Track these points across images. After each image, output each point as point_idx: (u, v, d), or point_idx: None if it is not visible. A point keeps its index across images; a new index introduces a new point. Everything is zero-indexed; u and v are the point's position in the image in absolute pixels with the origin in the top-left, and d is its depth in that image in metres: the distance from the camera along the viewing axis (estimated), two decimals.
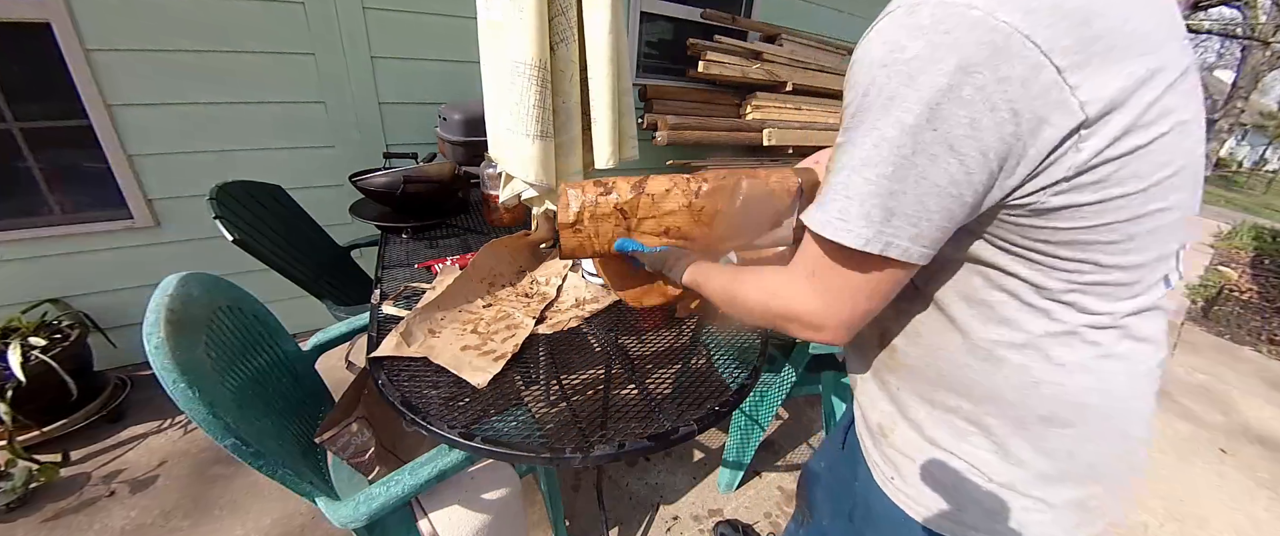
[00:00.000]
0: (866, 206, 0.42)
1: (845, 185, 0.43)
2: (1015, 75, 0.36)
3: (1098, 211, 0.41)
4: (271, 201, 1.56)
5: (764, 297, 0.55)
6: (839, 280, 0.47)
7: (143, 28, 1.58)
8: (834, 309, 0.48)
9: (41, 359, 1.48)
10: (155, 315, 0.70)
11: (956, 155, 0.39)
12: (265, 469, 0.72)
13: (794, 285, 0.51)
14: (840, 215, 0.43)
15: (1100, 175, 0.40)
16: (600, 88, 1.11)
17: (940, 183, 0.40)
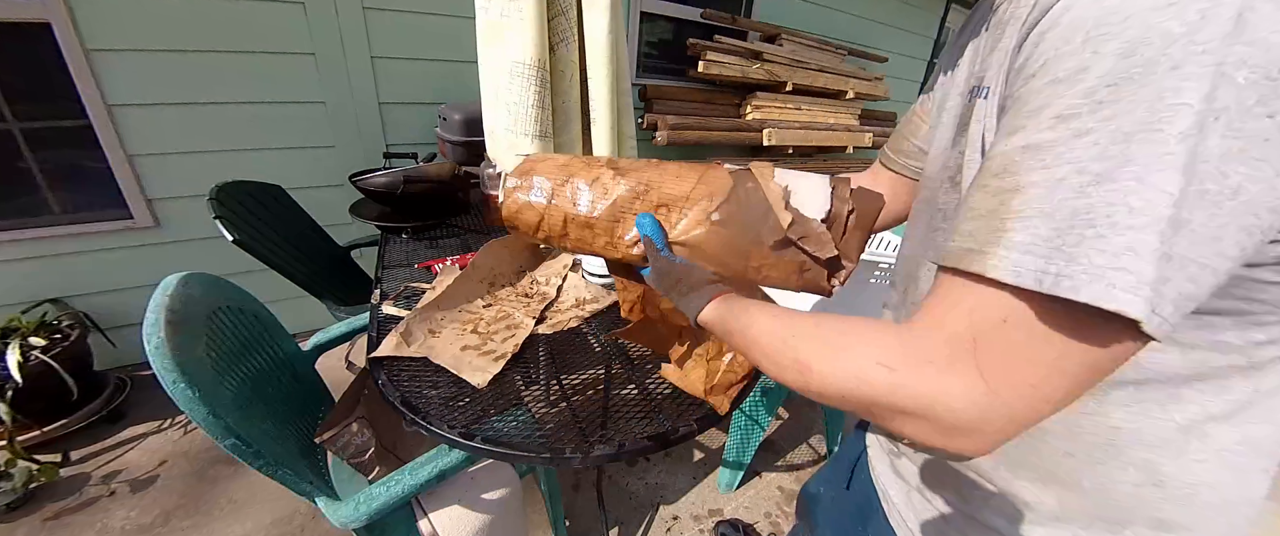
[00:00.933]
0: (1171, 247, 0.25)
1: (1116, 205, 0.25)
2: None
3: None
4: (271, 201, 1.56)
5: (853, 374, 0.34)
6: (1028, 363, 0.29)
7: (143, 28, 1.58)
8: (1007, 405, 0.29)
9: (41, 359, 1.48)
10: (155, 315, 0.70)
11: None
12: (265, 469, 0.72)
13: (930, 366, 0.31)
14: (1115, 259, 0.25)
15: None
16: (599, 88, 1.11)
17: (1257, 208, 0.25)
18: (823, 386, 0.36)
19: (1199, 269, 0.25)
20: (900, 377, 0.32)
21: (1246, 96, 0.23)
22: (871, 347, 0.34)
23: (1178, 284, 0.25)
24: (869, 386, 0.33)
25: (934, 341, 0.32)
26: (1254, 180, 0.24)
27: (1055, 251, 0.27)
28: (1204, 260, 0.25)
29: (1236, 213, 0.25)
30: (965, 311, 0.31)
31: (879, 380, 0.32)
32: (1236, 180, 0.24)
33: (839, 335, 0.37)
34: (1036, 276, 0.27)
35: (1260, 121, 0.23)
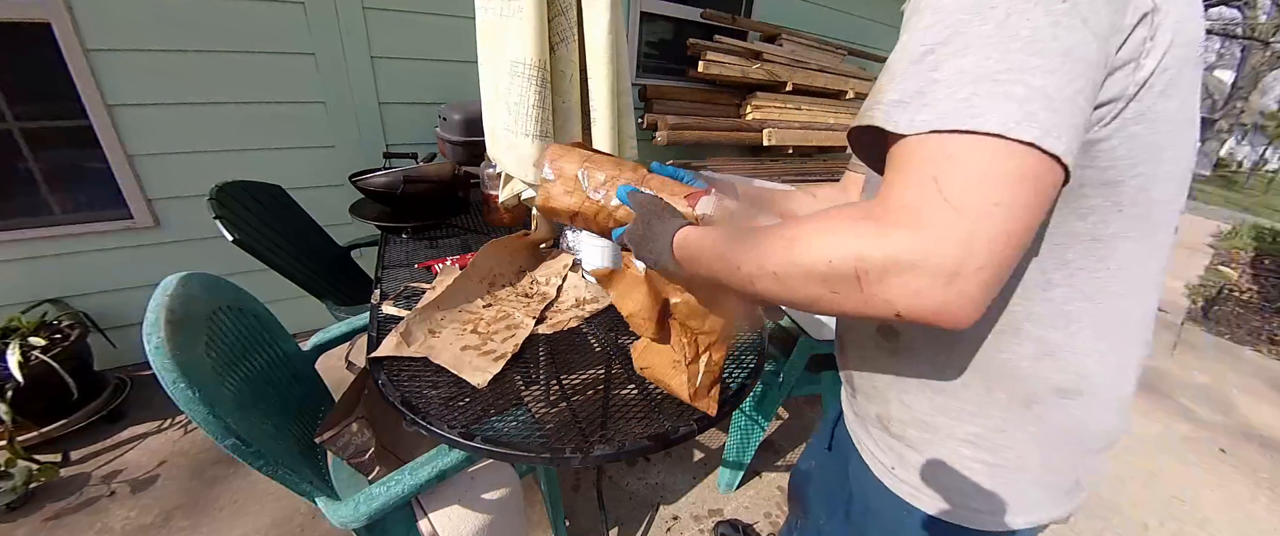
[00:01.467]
0: (1020, 88, 0.32)
1: (970, 69, 0.33)
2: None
3: (1132, 143, 0.38)
4: (271, 201, 1.56)
5: (837, 245, 0.35)
6: (984, 182, 0.32)
7: (143, 28, 1.58)
8: (981, 227, 0.31)
9: (41, 359, 1.48)
10: (155, 315, 0.70)
11: (1090, 30, 0.33)
12: (265, 469, 0.72)
13: (903, 211, 0.33)
14: (998, 101, 0.32)
15: (1150, 100, 0.37)
16: (600, 88, 1.11)
17: (1085, 61, 0.33)
18: (796, 277, 0.38)
19: (1073, 106, 0.32)
20: (880, 230, 0.34)
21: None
22: (848, 219, 0.37)
23: (1064, 112, 0.32)
24: (857, 246, 0.34)
25: (903, 193, 0.34)
26: (1073, 40, 0.32)
27: (942, 101, 0.33)
28: (1068, 98, 0.32)
29: (1074, 62, 0.32)
30: (919, 161, 0.34)
31: (863, 241, 0.34)
32: (1064, 40, 0.32)
33: (798, 228, 0.39)
34: (949, 117, 0.33)
35: (1058, 2, 0.32)
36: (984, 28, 0.33)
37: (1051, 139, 0.31)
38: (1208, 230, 6.79)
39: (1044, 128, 0.31)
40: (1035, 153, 0.32)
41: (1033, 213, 0.33)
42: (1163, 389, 2.51)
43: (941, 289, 0.32)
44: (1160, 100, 0.37)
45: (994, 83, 0.32)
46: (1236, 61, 14.14)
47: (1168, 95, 0.37)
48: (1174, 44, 0.36)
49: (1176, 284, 4.23)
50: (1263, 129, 19.82)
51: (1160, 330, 3.24)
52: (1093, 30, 0.32)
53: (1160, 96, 0.37)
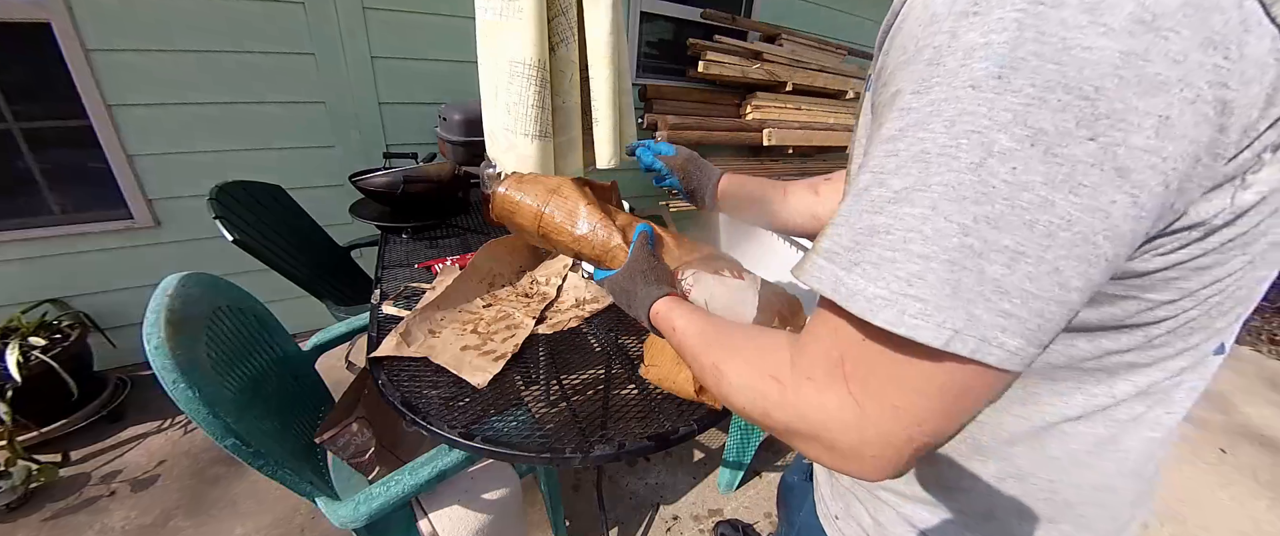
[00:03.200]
0: (950, 275, 0.24)
1: (897, 230, 0.25)
2: (1225, 35, 0.21)
3: (1203, 275, 0.28)
4: (271, 201, 1.56)
5: (751, 384, 0.35)
6: (891, 384, 0.28)
7: (143, 28, 1.58)
8: (880, 426, 0.28)
9: (41, 359, 1.48)
10: (155, 315, 0.70)
11: (1129, 186, 0.22)
12: (265, 469, 0.72)
13: (810, 381, 0.31)
14: (908, 285, 0.25)
15: (1249, 225, 0.26)
16: (600, 88, 1.11)
17: (1093, 236, 0.23)
18: (730, 393, 0.37)
19: (1045, 301, 0.24)
20: (787, 394, 0.32)
21: (1064, 119, 0.22)
22: (769, 360, 0.34)
23: (1019, 318, 0.24)
24: (763, 399, 0.34)
25: (813, 357, 0.31)
26: (1085, 209, 0.23)
27: (899, 288, 0.25)
28: (1047, 293, 0.24)
29: (1071, 243, 0.23)
30: (831, 328, 0.30)
31: (771, 393, 0.33)
32: (1065, 209, 0.23)
33: (746, 342, 0.39)
34: (883, 312, 0.26)
35: (1083, 144, 0.22)
36: (948, 170, 0.24)
37: (990, 351, 0.25)
38: None
39: (981, 337, 0.24)
40: (964, 363, 0.26)
41: (954, 415, 0.28)
42: None
43: (838, 460, 0.30)
44: (1272, 216, 0.26)
45: (948, 265, 0.24)
46: None
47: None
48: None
49: None
50: None
51: None
52: (1133, 187, 0.22)
53: (1274, 213, 0.26)
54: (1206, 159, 0.23)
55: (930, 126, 0.24)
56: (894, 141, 0.26)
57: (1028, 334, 0.25)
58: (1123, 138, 0.21)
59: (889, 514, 0.47)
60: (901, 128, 0.26)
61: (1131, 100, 0.21)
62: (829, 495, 0.55)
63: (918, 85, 0.25)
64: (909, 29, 0.26)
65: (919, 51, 0.25)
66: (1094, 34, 0.21)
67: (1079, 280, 0.24)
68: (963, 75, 0.23)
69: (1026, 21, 0.22)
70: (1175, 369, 0.34)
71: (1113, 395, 0.35)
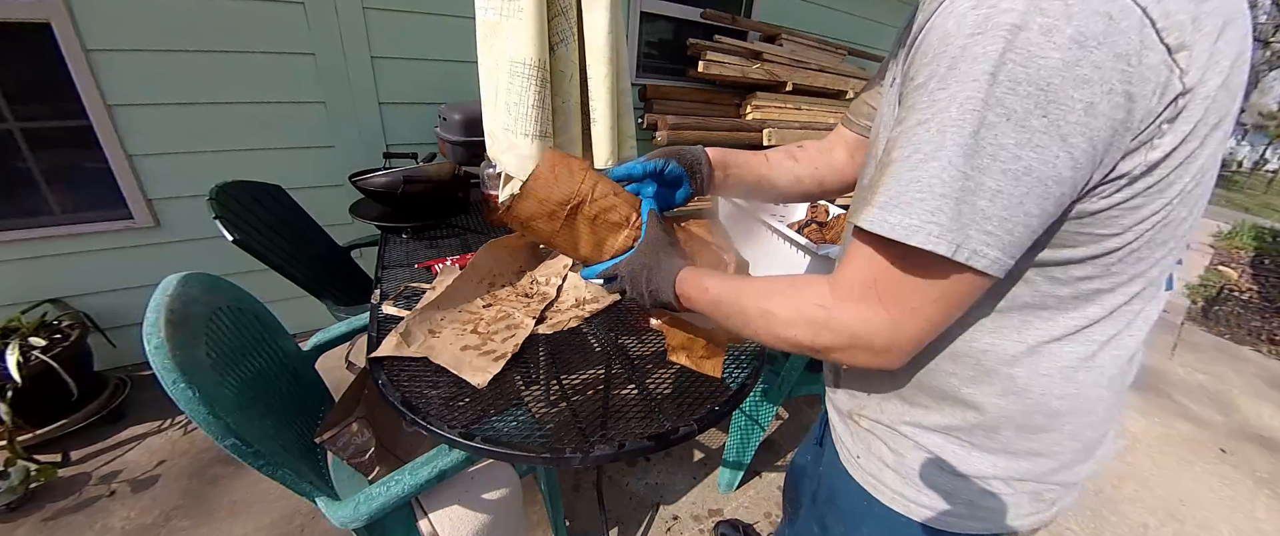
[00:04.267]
0: (956, 207, 0.36)
1: (924, 179, 0.37)
2: (1129, 50, 0.32)
3: (1136, 213, 0.39)
4: (271, 201, 1.56)
5: (801, 314, 0.46)
6: (912, 293, 0.40)
7: (143, 28, 1.58)
8: (905, 327, 0.41)
9: (41, 359, 1.48)
10: (155, 315, 0.70)
11: (1067, 147, 0.34)
12: (265, 469, 0.72)
13: (849, 302, 0.43)
14: (931, 216, 0.37)
15: (1163, 174, 0.37)
16: (599, 88, 1.11)
17: (1045, 179, 0.35)
18: (781, 329, 0.48)
19: (1014, 224, 0.36)
20: (832, 314, 0.44)
21: (1029, 103, 0.33)
22: (808, 293, 0.46)
23: (997, 236, 0.37)
24: (813, 324, 0.45)
25: (851, 284, 0.43)
26: (1039, 161, 0.35)
27: (922, 217, 0.37)
28: (1015, 218, 0.36)
29: (1031, 184, 0.35)
30: (866, 259, 0.42)
31: (818, 318, 0.45)
32: (1027, 161, 0.35)
33: (783, 285, 0.50)
34: (917, 235, 0.37)
35: (1038, 119, 0.34)
36: (958, 136, 0.36)
37: (979, 259, 0.37)
38: (1208, 230, 6.79)
39: (973, 249, 0.37)
40: (961, 270, 0.38)
41: (952, 312, 0.42)
42: (1163, 389, 2.51)
43: (873, 357, 0.44)
44: (1175, 172, 0.37)
45: (955, 200, 0.36)
46: None
47: (1186, 165, 0.37)
48: (1202, 121, 0.36)
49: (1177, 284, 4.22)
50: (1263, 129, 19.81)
51: (1160, 330, 3.24)
52: (1071, 149, 0.34)
53: (1177, 169, 0.37)
54: (1121, 131, 0.35)
55: (949, 110, 0.36)
56: (926, 122, 0.37)
57: (1003, 247, 0.37)
58: (1062, 115, 0.34)
59: (907, 443, 0.56)
60: (931, 112, 0.37)
61: (1069, 91, 0.33)
62: (849, 441, 0.63)
63: (940, 82, 0.36)
64: (932, 41, 0.37)
65: (939, 58, 0.36)
66: (1048, 48, 0.33)
67: (1036, 209, 0.37)
68: (970, 74, 0.35)
69: (1009, 39, 0.33)
70: (1131, 293, 0.45)
71: (1087, 316, 0.45)
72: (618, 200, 0.65)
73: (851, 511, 0.63)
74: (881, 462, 0.58)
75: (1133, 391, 2.40)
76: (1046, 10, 0.32)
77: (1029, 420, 0.49)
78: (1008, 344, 0.47)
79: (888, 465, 0.58)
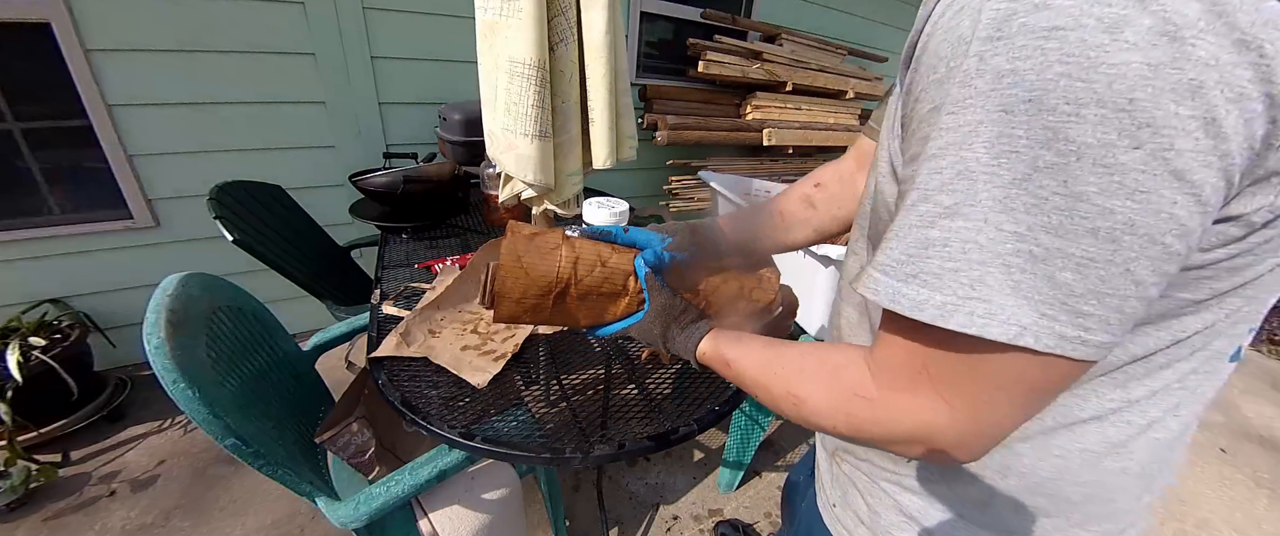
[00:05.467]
0: (1010, 278, 0.26)
1: (966, 242, 0.27)
2: (1255, 32, 0.21)
3: (1236, 276, 0.29)
4: (271, 201, 1.56)
5: (840, 407, 0.36)
6: (976, 383, 0.30)
7: (143, 28, 1.58)
8: (978, 421, 0.31)
9: (41, 359, 1.48)
10: (155, 315, 0.70)
11: (1186, 187, 0.23)
12: (265, 469, 0.72)
13: (896, 392, 0.33)
14: (971, 291, 0.27)
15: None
16: (598, 87, 1.11)
17: (1156, 234, 0.24)
18: (816, 418, 0.38)
19: (1120, 300, 0.26)
20: (879, 411, 0.34)
21: (1104, 132, 0.23)
22: (846, 378, 0.36)
23: (1094, 316, 0.26)
24: (854, 418, 0.35)
25: (894, 370, 0.33)
26: (1146, 212, 0.24)
27: (962, 293, 0.27)
28: (1123, 292, 0.25)
29: (1140, 245, 0.24)
30: (907, 339, 0.32)
31: (862, 413, 0.34)
32: (1126, 214, 0.24)
33: (820, 365, 0.39)
34: (955, 317, 0.27)
35: (1129, 153, 0.23)
36: (1000, 180, 0.25)
37: (1072, 347, 0.26)
38: None
39: (1062, 337, 0.26)
40: (1050, 360, 0.27)
41: (1043, 402, 0.31)
42: None
43: (944, 455, 0.32)
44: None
45: (1005, 269, 0.26)
46: None
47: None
48: None
49: None
50: None
51: None
52: (1193, 187, 0.23)
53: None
54: (1260, 150, 0.23)
55: (972, 146, 0.26)
56: (937, 159, 0.27)
57: (1108, 329, 0.26)
58: (1169, 142, 0.22)
59: (885, 501, 0.48)
60: (942, 146, 0.27)
61: (1169, 106, 0.22)
62: (829, 485, 0.56)
63: (954, 106, 0.26)
64: (935, 48, 0.28)
65: (950, 73, 0.26)
66: (1118, 50, 0.22)
67: (1153, 277, 0.25)
68: (995, 99, 0.25)
69: (1049, 47, 0.23)
70: (1187, 370, 0.34)
71: (1127, 398, 0.35)
72: (608, 270, 0.54)
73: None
74: (856, 517, 0.51)
75: None
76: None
77: (1030, 501, 0.41)
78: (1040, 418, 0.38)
79: (862, 521, 0.50)
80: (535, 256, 0.53)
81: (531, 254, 0.53)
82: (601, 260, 0.54)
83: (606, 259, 0.55)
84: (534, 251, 0.53)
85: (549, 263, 0.53)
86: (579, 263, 0.54)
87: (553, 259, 0.53)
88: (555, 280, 0.52)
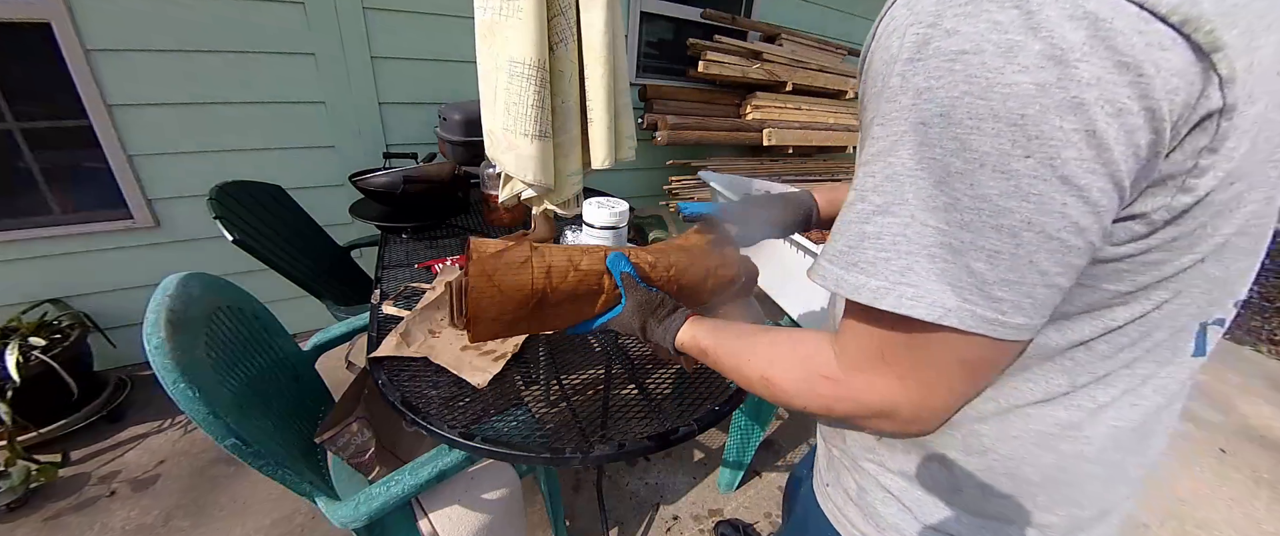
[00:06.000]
0: (935, 266, 0.30)
1: (886, 236, 0.31)
2: (1134, 55, 0.24)
3: (1155, 269, 0.32)
4: (271, 201, 1.56)
5: (809, 388, 0.40)
6: (925, 363, 0.34)
7: (143, 28, 1.58)
8: (929, 399, 0.35)
9: (41, 359, 1.48)
10: (155, 315, 0.70)
11: (1074, 190, 0.26)
12: (265, 469, 0.72)
13: (859, 372, 0.37)
14: (901, 277, 0.31)
15: (1199, 221, 0.30)
16: (596, 87, 1.11)
17: (1055, 232, 0.28)
18: (786, 397, 0.43)
19: (1029, 287, 0.29)
20: (843, 389, 0.38)
21: (1000, 142, 0.27)
22: (814, 362, 0.40)
23: (1012, 299, 0.30)
24: (821, 397, 0.40)
25: (856, 352, 0.37)
26: (1040, 211, 0.27)
27: (854, 265, 0.33)
28: (1029, 281, 0.29)
29: (1039, 240, 0.28)
30: (865, 326, 0.36)
31: (828, 392, 0.39)
32: (1024, 213, 0.27)
33: (790, 350, 0.44)
34: (887, 299, 0.32)
35: (1022, 161, 0.26)
36: (921, 183, 0.29)
37: (992, 328, 0.30)
38: None
39: (982, 319, 0.30)
40: (976, 339, 0.31)
41: (981, 379, 0.36)
42: None
43: (903, 427, 0.37)
44: (1215, 219, 0.29)
45: (929, 258, 0.30)
46: None
47: (1228, 211, 0.29)
48: (1251, 153, 0.27)
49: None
50: None
51: None
52: (1081, 191, 0.27)
53: (1216, 216, 0.29)
54: (1152, 156, 0.27)
55: (898, 153, 0.30)
56: (870, 165, 0.32)
57: (1023, 312, 0.30)
58: (1056, 152, 0.26)
59: (869, 481, 0.52)
60: (874, 153, 0.32)
61: (1054, 121, 0.25)
62: (824, 468, 0.60)
63: (883, 118, 0.31)
64: (875, 64, 0.32)
65: (883, 89, 0.31)
66: (1011, 72, 0.25)
67: (1057, 267, 0.29)
68: (914, 114, 0.29)
69: (957, 68, 0.27)
70: (1133, 356, 0.37)
71: (1073, 383, 0.38)
72: (581, 273, 0.55)
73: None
74: (846, 495, 0.55)
75: None
76: (1002, 25, 0.25)
77: (994, 481, 0.43)
78: (979, 399, 0.41)
79: (851, 499, 0.54)
80: (507, 273, 0.52)
81: (503, 271, 0.52)
82: (573, 265, 0.55)
83: (578, 263, 0.55)
84: (504, 268, 0.52)
85: (522, 277, 0.52)
86: (552, 271, 0.53)
87: (525, 272, 0.52)
88: (530, 293, 0.52)
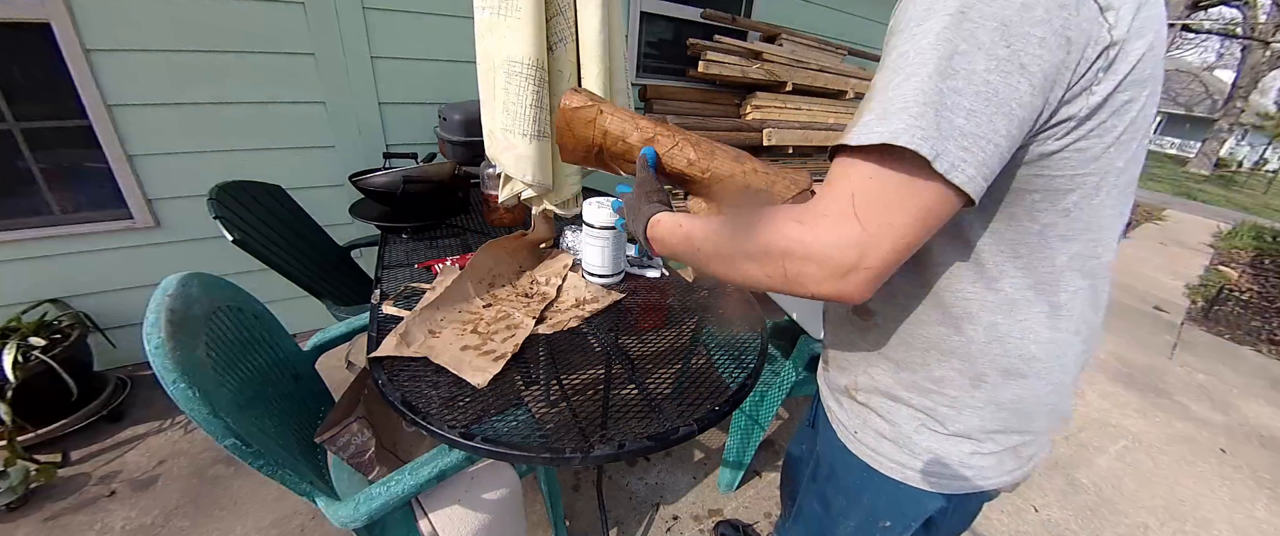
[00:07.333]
0: (936, 119, 0.39)
1: (907, 95, 0.40)
2: (1069, 2, 0.38)
3: (1083, 153, 0.44)
4: (271, 201, 1.56)
5: (773, 236, 0.45)
6: (889, 207, 0.41)
7: (143, 28, 1.58)
8: (878, 243, 0.41)
9: (41, 359, 1.48)
10: (155, 315, 0.70)
11: (1026, 74, 0.39)
12: (265, 469, 0.72)
13: (825, 219, 0.42)
14: (914, 120, 0.39)
15: (1102, 118, 0.42)
16: (593, 87, 1.11)
17: (1010, 102, 0.39)
18: (759, 248, 0.47)
19: (986, 142, 0.40)
20: (805, 229, 0.43)
21: (995, 36, 0.38)
22: (790, 212, 0.46)
23: (973, 153, 0.39)
24: (786, 239, 0.44)
25: (828, 201, 0.43)
26: (1005, 85, 0.39)
27: (907, 123, 0.39)
28: (987, 136, 0.39)
29: (1000, 104, 0.39)
30: (843, 176, 0.43)
31: (793, 233, 0.44)
32: (995, 84, 0.39)
33: (755, 217, 0.50)
34: (904, 136, 0.39)
35: (1001, 49, 0.38)
36: (934, 59, 0.39)
37: (958, 173, 0.39)
38: (1208, 230, 6.79)
39: (952, 161, 0.39)
40: (937, 186, 0.40)
41: (924, 231, 0.42)
42: (1162, 388, 2.51)
43: (840, 281, 0.42)
44: (1113, 117, 0.43)
45: (921, 106, 0.39)
46: (1236, 61, 14.13)
47: (1121, 113, 0.43)
48: (1134, 71, 0.41)
49: (1176, 284, 4.23)
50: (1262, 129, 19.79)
51: (1160, 330, 3.24)
52: (1029, 77, 0.39)
53: (1114, 114, 0.43)
54: (1063, 68, 0.40)
55: (924, 40, 0.40)
56: (905, 54, 0.41)
57: (977, 165, 0.40)
58: (1023, 47, 0.38)
59: (902, 411, 0.60)
60: (910, 45, 0.41)
61: (1026, 28, 0.38)
62: (845, 418, 0.66)
63: (917, 22, 0.41)
64: (907, 3, 0.43)
65: (916, 5, 0.42)
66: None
67: (1004, 129, 0.40)
68: (945, 10, 0.40)
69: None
70: (1091, 239, 0.49)
71: (1055, 267, 0.49)
72: (626, 146, 0.75)
73: (852, 485, 0.67)
74: (878, 435, 0.62)
75: (1133, 391, 2.37)
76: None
77: (1012, 365, 0.53)
78: (989, 293, 0.51)
79: (885, 437, 0.62)
80: (578, 125, 0.76)
81: (576, 124, 0.76)
82: (623, 137, 0.75)
83: (628, 136, 0.75)
84: (577, 122, 0.76)
85: (588, 132, 0.76)
86: (608, 135, 0.75)
87: (590, 129, 0.76)
88: (591, 144, 0.76)
